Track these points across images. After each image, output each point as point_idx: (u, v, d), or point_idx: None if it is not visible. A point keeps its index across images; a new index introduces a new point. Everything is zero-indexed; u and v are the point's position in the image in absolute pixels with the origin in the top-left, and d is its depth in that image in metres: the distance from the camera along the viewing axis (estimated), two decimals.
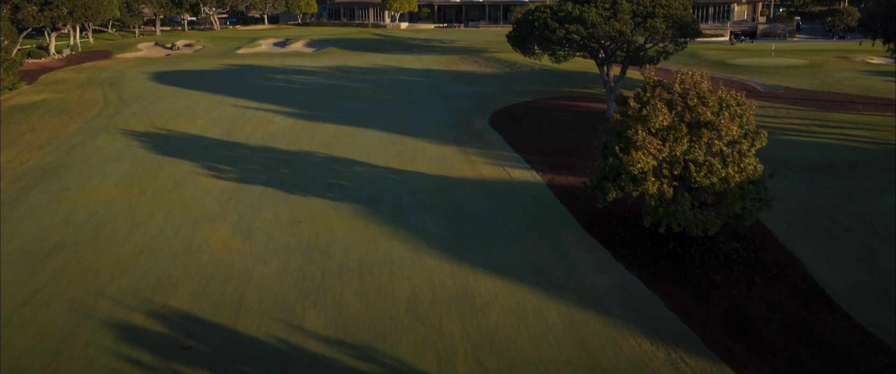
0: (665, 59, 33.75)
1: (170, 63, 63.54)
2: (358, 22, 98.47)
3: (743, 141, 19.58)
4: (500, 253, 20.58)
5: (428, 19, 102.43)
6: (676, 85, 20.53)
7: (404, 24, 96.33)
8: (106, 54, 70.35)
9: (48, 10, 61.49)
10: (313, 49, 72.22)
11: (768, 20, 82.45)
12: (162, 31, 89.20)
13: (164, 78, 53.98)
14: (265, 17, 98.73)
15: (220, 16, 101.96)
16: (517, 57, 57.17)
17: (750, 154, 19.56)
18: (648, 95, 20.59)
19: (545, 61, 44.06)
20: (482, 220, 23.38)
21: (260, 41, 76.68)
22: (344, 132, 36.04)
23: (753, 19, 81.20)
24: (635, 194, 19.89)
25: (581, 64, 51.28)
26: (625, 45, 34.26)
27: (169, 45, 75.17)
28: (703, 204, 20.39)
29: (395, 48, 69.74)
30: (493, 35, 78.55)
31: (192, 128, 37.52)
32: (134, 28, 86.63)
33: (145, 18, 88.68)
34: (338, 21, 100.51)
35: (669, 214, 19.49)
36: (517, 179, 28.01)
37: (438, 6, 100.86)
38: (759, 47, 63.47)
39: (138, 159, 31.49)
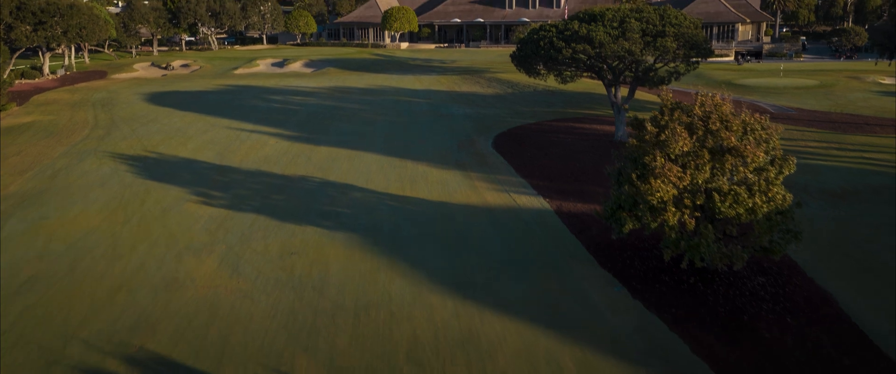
0: (676, 79, 32.40)
1: (165, 84, 62.32)
2: (357, 42, 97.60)
3: (770, 168, 18.11)
4: (507, 289, 19.03)
5: (428, 39, 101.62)
6: (697, 108, 19.11)
7: (404, 45, 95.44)
8: (101, 75, 69.19)
9: (42, 31, 60.39)
10: (312, 69, 71.10)
11: (773, 40, 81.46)
12: (159, 51, 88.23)
13: (158, 99, 52.70)
14: (264, 37, 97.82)
15: (218, 36, 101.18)
16: (520, 77, 55.97)
17: (777, 182, 18.09)
18: (666, 118, 19.15)
19: (550, 82, 42.82)
20: (487, 251, 21.84)
21: (258, 61, 75.61)
22: (341, 155, 34.63)
23: (758, 39, 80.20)
24: (654, 225, 18.40)
25: (586, 84, 50.03)
26: (633, 66, 32.94)
27: (164, 66, 74.09)
28: (727, 236, 18.88)
29: (395, 68, 68.62)
30: (495, 55, 77.54)
31: (184, 151, 36.10)
32: (131, 48, 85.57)
33: (143, 39, 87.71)
34: (337, 41, 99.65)
35: (692, 247, 17.98)
36: (523, 205, 26.51)
37: (439, 26, 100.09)
38: (767, 67, 62.30)
39: (125, 184, 30.01)
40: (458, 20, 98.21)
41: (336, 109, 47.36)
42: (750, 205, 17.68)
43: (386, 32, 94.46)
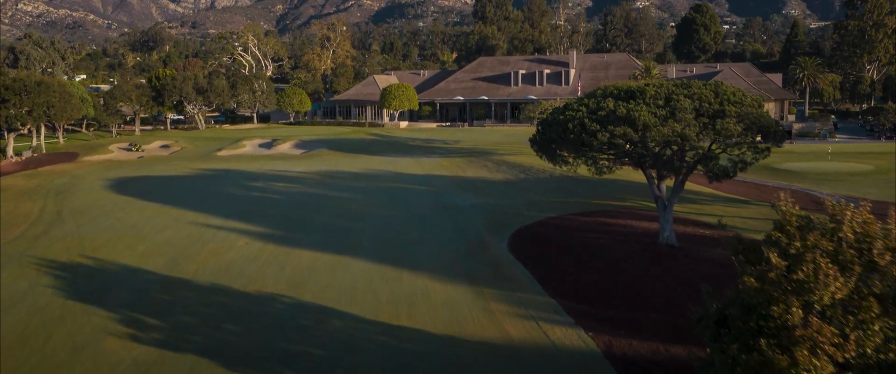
0: (743, 170, 26.00)
1: (138, 167, 56.26)
2: (354, 121, 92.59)
3: None
4: None
5: (429, 118, 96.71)
6: (846, 229, 12.49)
7: (404, 123, 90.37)
8: (71, 157, 63.33)
9: (3, 109, 54.80)
10: (302, 151, 65.29)
11: (798, 119, 76.12)
12: (142, 130, 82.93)
13: (123, 186, 46.43)
14: (254, 115, 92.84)
15: (209, 114, 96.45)
16: (532, 160, 49.88)
17: None
18: (798, 243, 12.50)
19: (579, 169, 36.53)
20: None
21: (244, 142, 69.93)
22: (322, 263, 27.85)
23: (782, 118, 74.87)
24: None
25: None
26: (683, 152, 26.65)
27: (135, 148, 68.13)
28: None
29: (393, 150, 62.79)
30: (501, 135, 71.98)
31: (130, 256, 29.36)
32: (112, 128, 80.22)
33: (127, 117, 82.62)
34: (333, 119, 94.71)
35: None
36: (560, 343, 19.61)
37: (440, 104, 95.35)
38: (807, 149, 56.36)
39: (37, 308, 23.14)
40: (461, 98, 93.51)
41: (323, 199, 40.93)
42: None
43: (384, 111, 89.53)
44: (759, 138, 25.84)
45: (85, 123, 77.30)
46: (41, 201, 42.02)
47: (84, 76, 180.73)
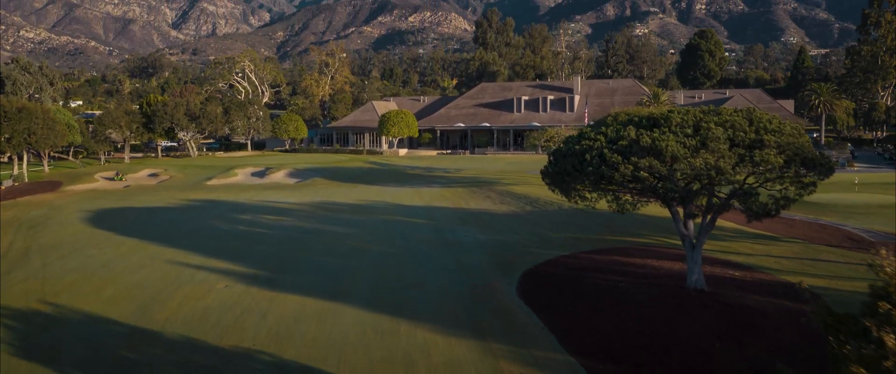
0: (785, 208, 23.00)
1: (121, 198, 53.31)
2: (352, 148, 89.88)
3: None
4: None
5: (429, 145, 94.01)
6: None
7: (403, 151, 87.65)
8: (54, 186, 60.41)
9: None
10: (296, 180, 62.40)
11: (814, 147, 73.33)
12: (132, 157, 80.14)
13: (101, 219, 43.45)
14: (249, 143, 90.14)
15: (205, 141, 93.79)
16: (539, 191, 47.06)
17: None
18: None
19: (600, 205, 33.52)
20: None
21: (236, 170, 67.07)
22: (309, 310, 24.73)
23: None
24: None
25: None
26: (715, 187, 23.71)
27: (119, 177, 65.21)
28: None
29: (392, 179, 59.91)
30: (504, 163, 69.16)
31: (95, 301, 26.26)
32: (100, 155, 77.44)
33: (118, 144, 79.88)
34: (330, 147, 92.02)
35: None
36: None
37: (441, 131, 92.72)
38: (829, 179, 53.28)
39: None
40: (462, 125, 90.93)
41: (315, 234, 37.91)
42: None
43: (383, 138, 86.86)
44: (802, 171, 22.88)
45: (72, 150, 74.53)
46: (11, 235, 39.01)
47: (80, 102, 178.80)
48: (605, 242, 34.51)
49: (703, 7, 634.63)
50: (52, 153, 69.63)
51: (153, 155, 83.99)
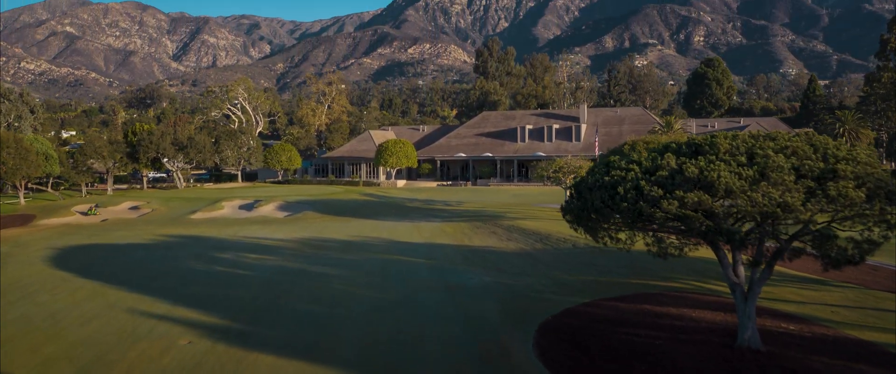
0: (869, 253, 18.84)
1: (95, 233, 49.14)
2: (348, 179, 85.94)
3: None
4: None
5: (429, 176, 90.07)
6: None
7: (401, 182, 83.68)
8: (26, 220, 56.26)
9: None
10: (286, 213, 58.29)
11: None
12: (116, 189, 76.06)
13: (65, 258, 39.26)
14: (239, 174, 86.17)
15: (195, 172, 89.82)
16: (549, 226, 42.94)
17: None
18: None
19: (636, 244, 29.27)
20: None
21: (223, 203, 62.98)
22: None
23: None
24: None
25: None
26: (777, 227, 19.61)
27: (92, 211, 60.98)
28: None
29: (389, 212, 55.81)
30: (509, 195, 65.11)
31: (30, 362, 21.95)
32: (82, 186, 73.38)
33: (101, 176, 75.87)
34: (324, 178, 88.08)
35: None
36: None
37: (441, 162, 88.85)
38: None
39: None
40: (463, 155, 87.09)
41: (300, 277, 33.64)
42: None
43: (380, 168, 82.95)
44: (888, 207, 18.76)
45: (50, 181, 70.51)
46: None
47: (73, 132, 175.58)
48: (629, 286, 30.25)
49: (702, 39, 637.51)
50: (30, 185, 65.74)
51: (138, 186, 79.96)
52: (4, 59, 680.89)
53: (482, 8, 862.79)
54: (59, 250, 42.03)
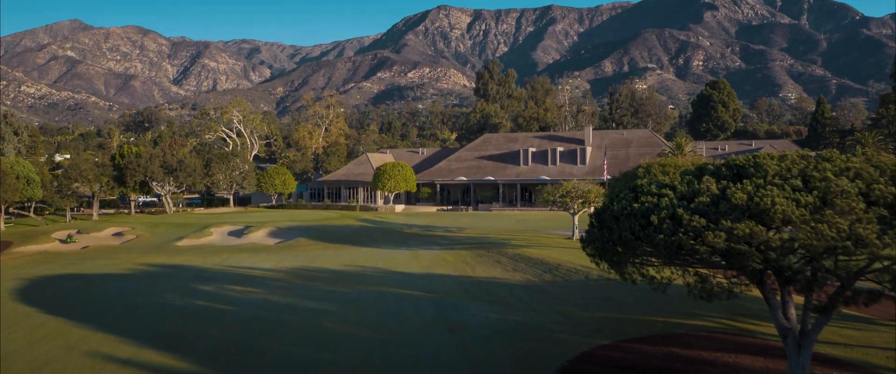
0: None
1: (71, 262, 46.03)
2: (344, 204, 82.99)
3: None
4: None
5: (428, 201, 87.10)
6: None
7: (400, 207, 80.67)
8: (2, 248, 53.13)
9: None
10: (277, 240, 55.23)
11: None
12: (102, 214, 73.03)
13: (33, 291, 36.15)
14: (231, 198, 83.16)
15: (189, 196, 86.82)
16: (558, 255, 39.92)
17: None
18: None
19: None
20: None
21: (212, 229, 59.94)
22: None
23: None
24: None
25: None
26: (845, 263, 16.57)
27: (70, 239, 57.90)
28: None
29: (386, 239, 52.76)
30: (512, 221, 62.11)
31: None
32: (67, 211, 70.33)
33: (87, 200, 72.84)
34: (320, 203, 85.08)
35: None
36: None
37: (441, 185, 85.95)
38: None
39: None
40: (464, 178, 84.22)
41: (286, 313, 30.48)
42: None
43: (378, 192, 80.00)
44: None
45: (32, 206, 67.49)
46: None
47: (68, 155, 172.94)
48: (652, 325, 27.08)
49: (701, 63, 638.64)
50: (12, 209, 62.77)
51: (126, 211, 76.96)
52: (5, 82, 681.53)
53: (482, 33, 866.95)
54: (29, 281, 38.92)
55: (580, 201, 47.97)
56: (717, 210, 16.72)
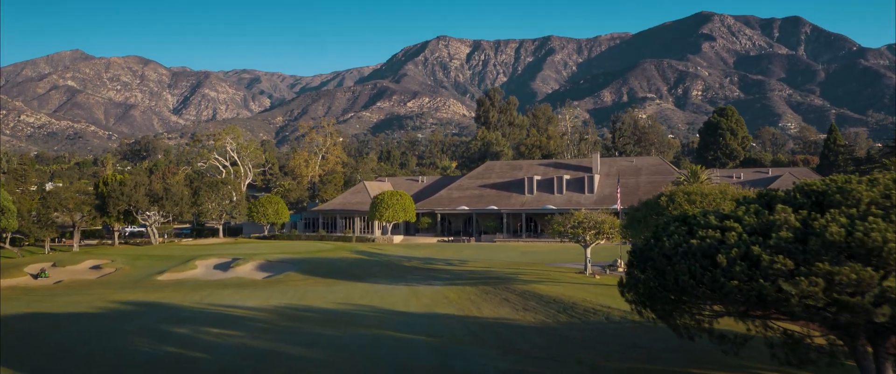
0: None
1: (39, 299, 42.08)
2: (340, 234, 79.08)
3: None
4: None
5: (428, 231, 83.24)
6: None
7: (398, 238, 76.82)
8: None
9: None
10: (265, 274, 51.31)
11: None
12: (84, 245, 69.06)
13: None
14: (220, 228, 79.26)
15: (180, 226, 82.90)
16: (574, 291, 36.05)
17: None
18: None
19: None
20: None
21: (197, 262, 56.04)
22: None
23: None
24: None
25: None
26: None
27: (43, 274, 53.83)
28: None
29: (383, 274, 48.88)
30: (518, 253, 58.29)
31: None
32: (45, 242, 66.41)
33: (69, 230, 68.97)
34: (314, 233, 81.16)
35: None
36: None
37: (442, 215, 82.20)
38: None
39: None
40: (466, 208, 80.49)
41: (266, 361, 26.48)
42: None
43: (375, 222, 76.17)
44: None
45: (9, 237, 63.61)
46: None
47: (61, 184, 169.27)
48: None
49: (700, 93, 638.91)
50: None
51: (109, 242, 73.10)
52: (4, 112, 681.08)
53: (481, 63, 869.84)
54: None
55: (593, 231, 44.19)
56: (805, 248, 12.98)
